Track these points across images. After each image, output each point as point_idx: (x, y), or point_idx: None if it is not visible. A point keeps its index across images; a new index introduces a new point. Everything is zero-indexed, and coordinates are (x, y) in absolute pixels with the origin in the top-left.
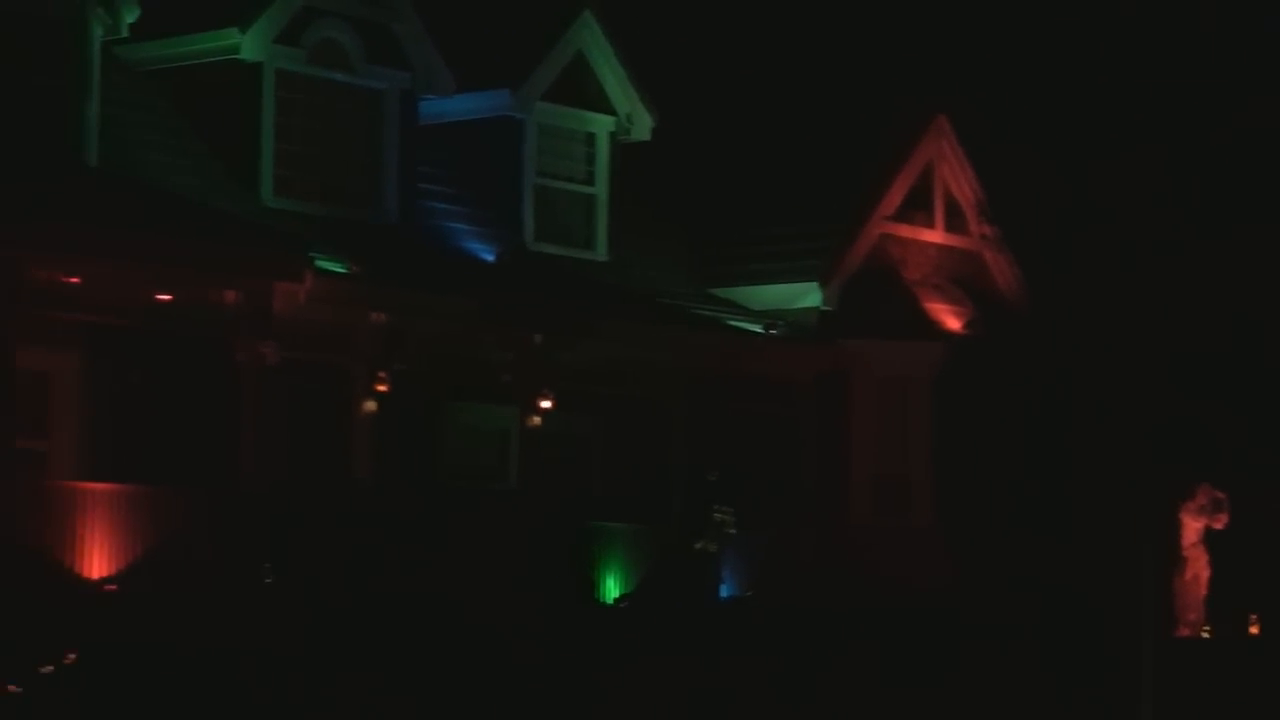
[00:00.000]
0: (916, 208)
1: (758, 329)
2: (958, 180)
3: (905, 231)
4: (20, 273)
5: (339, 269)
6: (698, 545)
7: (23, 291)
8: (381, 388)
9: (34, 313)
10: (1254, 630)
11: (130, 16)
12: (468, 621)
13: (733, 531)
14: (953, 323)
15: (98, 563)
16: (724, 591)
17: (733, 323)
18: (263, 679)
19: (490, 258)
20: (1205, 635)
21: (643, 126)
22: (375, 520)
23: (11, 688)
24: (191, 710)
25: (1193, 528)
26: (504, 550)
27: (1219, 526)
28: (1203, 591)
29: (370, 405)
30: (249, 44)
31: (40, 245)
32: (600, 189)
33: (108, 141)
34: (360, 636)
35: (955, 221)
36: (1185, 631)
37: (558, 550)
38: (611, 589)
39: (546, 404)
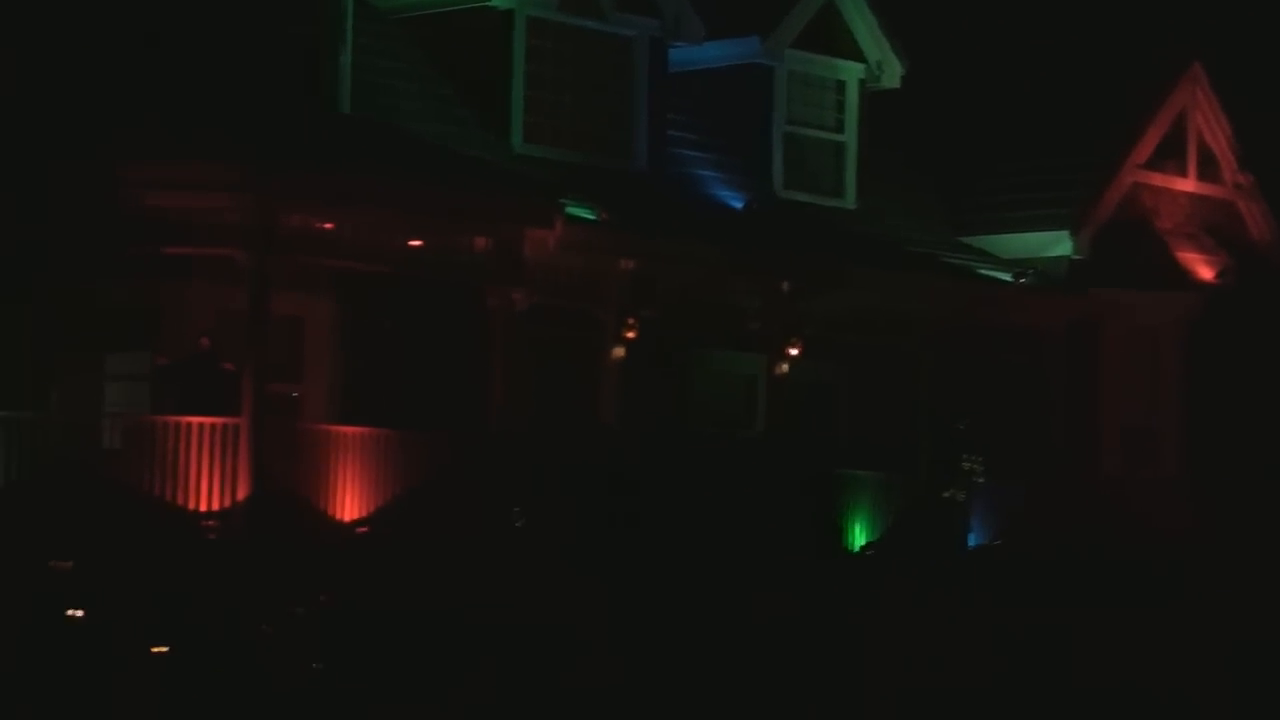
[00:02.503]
0: (1169, 156)
1: (1007, 277)
2: (1211, 128)
3: (1158, 180)
4: (274, 219)
5: (589, 216)
6: (946, 494)
7: (277, 238)
8: (630, 334)
9: (288, 259)
10: None
11: None
12: (711, 569)
13: (981, 480)
14: (1205, 273)
15: (349, 506)
16: (971, 540)
17: (982, 271)
18: (511, 623)
19: (739, 205)
20: None
21: (892, 74)
22: (622, 467)
23: (266, 628)
24: (441, 653)
25: None
26: (750, 498)
27: None
28: None
29: (618, 352)
30: None
31: (294, 192)
32: (849, 136)
33: (360, 89)
34: (608, 583)
35: (1208, 170)
36: None
37: (804, 498)
38: (858, 537)
39: (794, 351)
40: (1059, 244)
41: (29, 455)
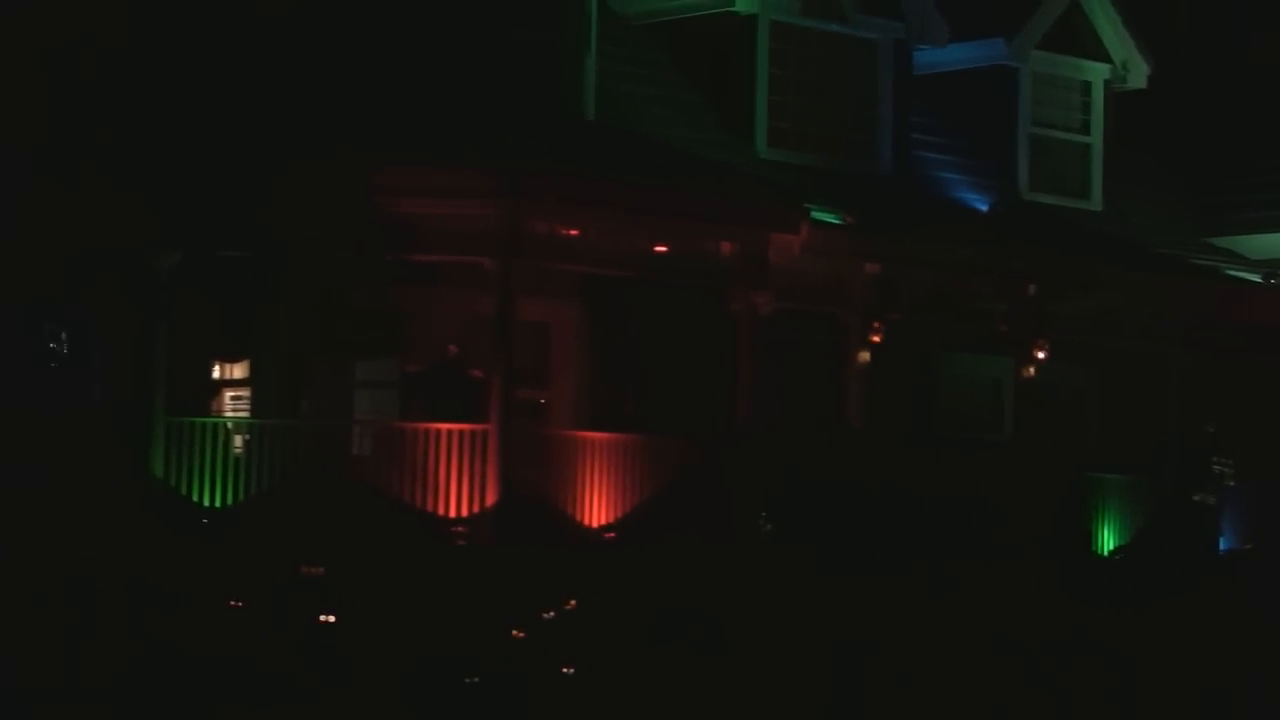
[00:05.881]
0: None
1: (1256, 278)
2: None
3: None
4: (522, 225)
5: (833, 220)
6: (1196, 497)
7: (524, 244)
8: (875, 338)
9: (534, 264)
10: None
11: None
12: (961, 572)
13: (1231, 483)
14: None
15: (597, 511)
16: (1223, 544)
17: (1231, 272)
18: (755, 629)
19: (984, 207)
20: None
21: (1138, 74)
22: (869, 470)
23: (516, 633)
24: (689, 657)
25: None
26: (999, 500)
27: None
28: None
29: (864, 355)
30: None
31: (540, 198)
32: (1095, 137)
33: (604, 95)
34: (856, 585)
35: None
36: None
37: (1053, 501)
38: (1107, 541)
39: (1041, 354)
40: None
41: (280, 461)
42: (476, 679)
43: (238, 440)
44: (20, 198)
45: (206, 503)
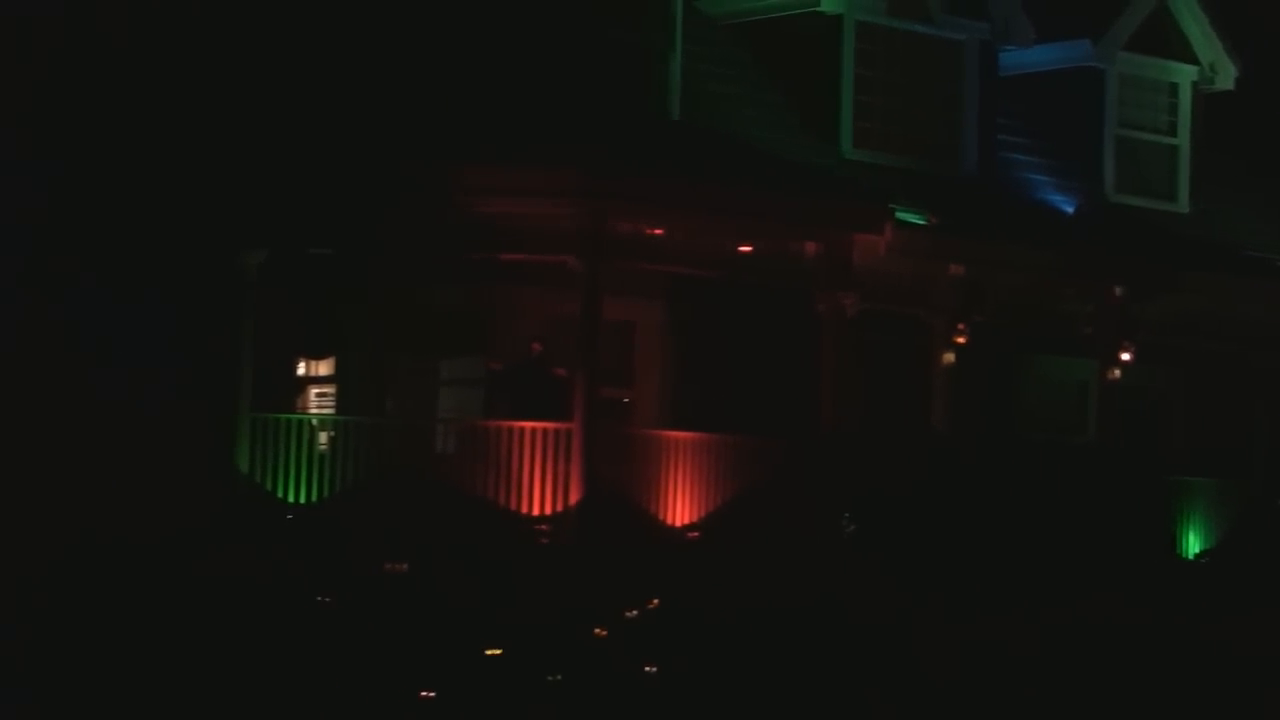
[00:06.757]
0: None
1: None
2: None
3: None
4: (606, 225)
5: (918, 221)
6: None
7: (609, 243)
8: (960, 339)
9: (619, 264)
10: None
11: None
12: (1044, 574)
13: None
14: None
15: (680, 510)
16: None
17: None
18: (842, 632)
19: (1070, 210)
20: None
21: (1226, 76)
22: (953, 471)
23: (599, 631)
24: (769, 661)
25: None
26: (1082, 503)
27: None
28: None
29: (948, 357)
30: None
31: (625, 197)
32: (1182, 139)
33: (689, 95)
34: (939, 585)
35: None
36: None
37: (1137, 504)
38: (1192, 544)
39: (1126, 357)
40: None
41: (365, 458)
42: (559, 678)
43: (322, 437)
44: (109, 195)
45: (291, 499)
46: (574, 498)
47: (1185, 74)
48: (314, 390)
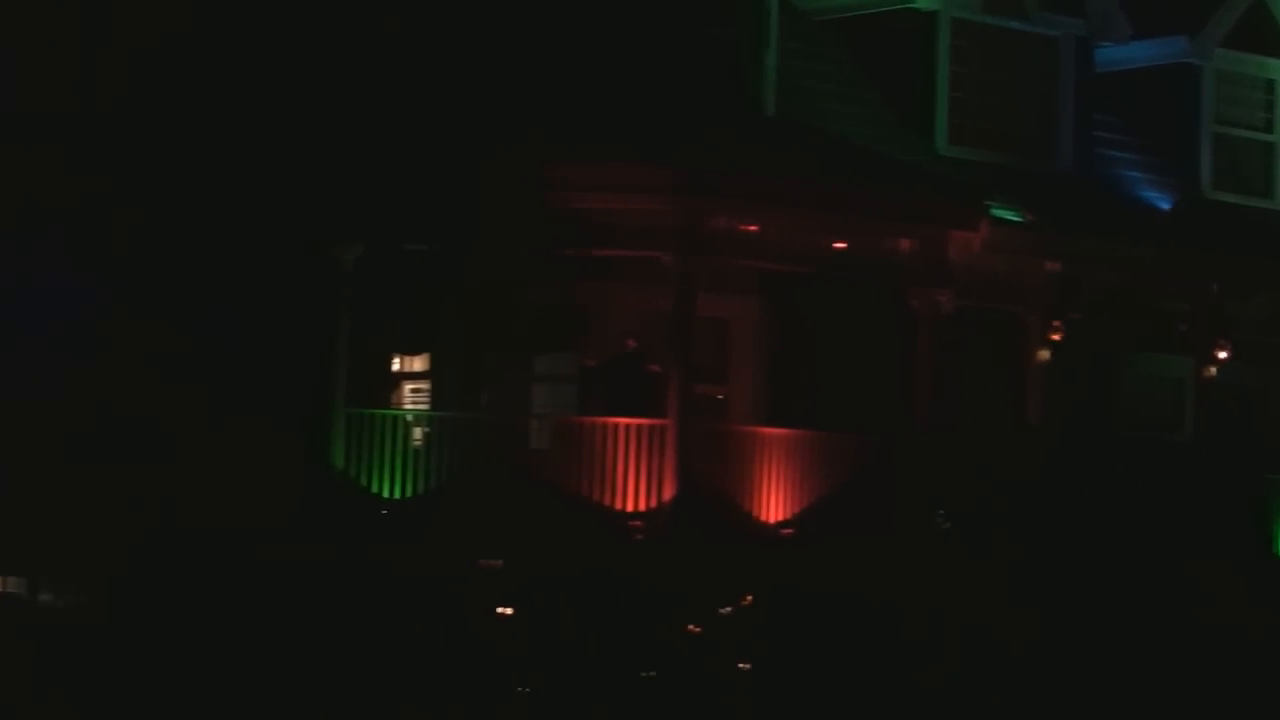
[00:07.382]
0: None
1: None
2: None
3: None
4: (701, 221)
5: (1014, 218)
6: None
7: (703, 239)
8: (1055, 336)
9: (713, 260)
10: None
11: None
12: (1140, 572)
13: None
14: None
15: (774, 507)
16: None
17: None
18: (937, 630)
19: (1166, 206)
20: None
21: None
22: (1049, 469)
23: (692, 627)
24: (862, 657)
25: None
26: (1180, 502)
27: None
28: None
29: (1043, 354)
30: None
31: (720, 193)
32: (1279, 136)
33: (783, 90)
34: (1038, 587)
35: None
36: None
37: (1234, 503)
38: None
39: (1223, 354)
40: None
41: (459, 454)
42: (653, 674)
43: (417, 433)
44: (207, 192)
45: (386, 494)
46: (668, 494)
47: None
48: (409, 386)
